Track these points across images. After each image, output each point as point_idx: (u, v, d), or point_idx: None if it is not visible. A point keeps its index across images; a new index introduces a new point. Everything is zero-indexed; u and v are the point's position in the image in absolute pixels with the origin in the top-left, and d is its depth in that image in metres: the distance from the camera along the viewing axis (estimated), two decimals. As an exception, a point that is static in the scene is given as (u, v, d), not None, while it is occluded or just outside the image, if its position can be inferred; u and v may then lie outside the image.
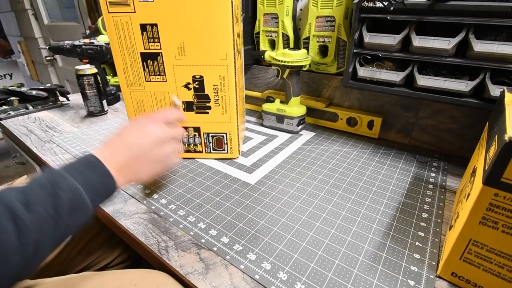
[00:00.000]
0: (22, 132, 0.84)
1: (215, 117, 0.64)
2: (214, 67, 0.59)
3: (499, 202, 0.31)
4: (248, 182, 0.60)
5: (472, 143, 0.56)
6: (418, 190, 0.57)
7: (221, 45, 0.57)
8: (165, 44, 0.57)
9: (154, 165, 0.47)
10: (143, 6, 0.54)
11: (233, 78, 0.60)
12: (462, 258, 0.36)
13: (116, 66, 0.60)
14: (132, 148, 0.45)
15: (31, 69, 3.08)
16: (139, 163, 0.45)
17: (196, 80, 0.60)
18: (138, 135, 0.47)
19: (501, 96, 0.44)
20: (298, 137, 0.81)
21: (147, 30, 0.56)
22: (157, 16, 0.55)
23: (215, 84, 0.60)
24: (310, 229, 0.47)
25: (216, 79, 0.60)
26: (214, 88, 0.61)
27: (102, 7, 0.54)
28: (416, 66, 0.59)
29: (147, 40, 0.57)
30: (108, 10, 0.55)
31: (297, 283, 0.38)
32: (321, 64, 0.84)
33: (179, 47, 0.57)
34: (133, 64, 0.59)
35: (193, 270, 0.40)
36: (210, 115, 0.64)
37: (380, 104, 0.78)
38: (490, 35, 0.52)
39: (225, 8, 0.53)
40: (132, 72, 0.60)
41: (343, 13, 0.74)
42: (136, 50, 0.58)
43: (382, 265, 0.41)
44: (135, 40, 0.57)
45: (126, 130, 0.48)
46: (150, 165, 0.47)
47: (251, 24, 0.93)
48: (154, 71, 0.60)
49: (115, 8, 0.54)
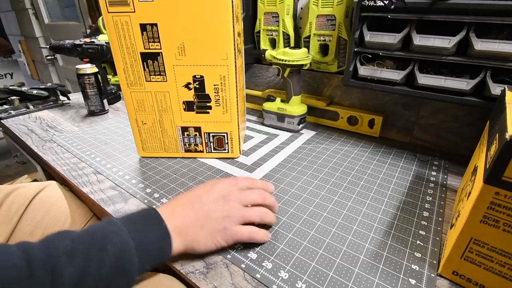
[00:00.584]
0: (22, 132, 0.84)
1: (216, 117, 0.64)
2: (215, 67, 0.58)
3: (500, 201, 0.31)
4: (249, 181, 0.60)
5: (472, 141, 0.56)
6: (419, 189, 0.57)
7: (221, 45, 0.56)
8: (165, 44, 0.57)
9: (214, 229, 0.41)
10: (142, 5, 0.53)
11: (234, 78, 0.59)
12: (463, 257, 0.36)
13: (116, 66, 0.60)
14: (195, 205, 0.41)
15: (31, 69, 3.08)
16: (199, 225, 0.40)
17: (197, 80, 0.60)
18: (204, 192, 0.43)
19: (502, 95, 0.44)
20: (298, 136, 0.81)
21: (147, 30, 0.56)
22: (157, 16, 0.54)
23: (216, 84, 0.60)
24: (311, 228, 0.47)
25: (216, 79, 0.60)
26: (214, 88, 0.60)
27: (102, 6, 0.54)
28: (417, 65, 0.59)
29: (147, 40, 0.57)
30: (107, 10, 0.54)
31: (298, 282, 0.38)
32: (321, 63, 0.84)
33: (179, 47, 0.57)
34: (133, 64, 0.59)
35: (194, 270, 0.40)
36: (210, 115, 0.63)
37: (381, 103, 0.78)
38: (490, 33, 0.52)
39: (225, 8, 0.53)
40: (132, 72, 0.60)
41: (343, 12, 0.73)
42: (136, 50, 0.58)
43: (383, 264, 0.41)
44: (135, 40, 0.57)
45: (195, 189, 0.44)
46: (209, 228, 0.40)
47: (251, 23, 0.93)
48: (155, 71, 0.59)
49: (115, 8, 0.54)
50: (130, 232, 0.34)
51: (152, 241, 0.36)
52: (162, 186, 0.58)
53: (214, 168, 0.65)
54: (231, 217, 0.41)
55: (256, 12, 0.90)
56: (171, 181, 0.60)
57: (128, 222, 0.35)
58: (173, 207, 0.41)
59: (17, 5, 2.61)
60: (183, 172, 0.63)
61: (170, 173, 0.63)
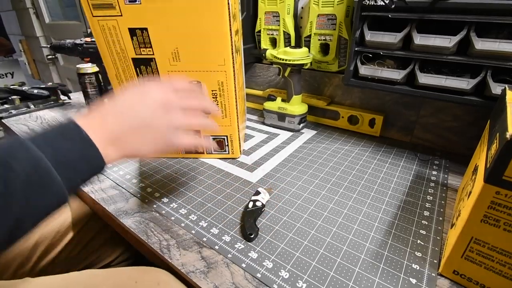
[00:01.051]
0: (23, 131, 0.84)
1: (215, 121, 0.62)
2: (212, 73, 0.56)
3: (500, 200, 0.31)
4: (250, 180, 0.60)
5: (473, 141, 0.56)
6: (419, 188, 0.57)
7: (218, 50, 0.53)
8: (158, 50, 0.54)
9: (156, 138, 0.40)
10: (130, 8, 0.50)
11: (232, 83, 0.57)
12: (464, 256, 0.36)
13: (108, 71, 0.58)
14: (129, 114, 0.38)
15: (32, 68, 3.08)
16: (136, 133, 0.38)
17: None
18: (137, 101, 0.40)
19: (503, 94, 0.44)
20: (299, 135, 0.81)
21: (137, 35, 0.53)
22: (146, 20, 0.51)
23: (214, 89, 0.58)
24: (312, 227, 0.47)
25: (214, 85, 0.57)
26: (212, 93, 0.59)
27: (86, 11, 0.51)
28: (418, 64, 0.59)
29: (138, 46, 0.54)
30: (92, 14, 0.51)
31: (299, 282, 0.38)
32: (322, 62, 0.84)
33: (173, 53, 0.54)
34: (126, 69, 0.57)
35: (194, 269, 0.40)
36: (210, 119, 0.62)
37: (382, 102, 0.78)
38: (491, 33, 0.52)
39: (220, 10, 0.50)
40: (125, 77, 0.58)
41: (344, 11, 0.73)
42: (127, 56, 0.55)
43: (384, 263, 0.41)
44: (125, 45, 0.54)
45: (123, 95, 0.40)
46: (150, 137, 0.39)
47: (252, 22, 0.93)
48: (149, 76, 0.57)
49: (100, 11, 0.51)
50: (41, 147, 0.31)
51: (72, 153, 0.33)
52: (162, 185, 0.59)
53: (215, 168, 0.65)
54: (174, 126, 0.41)
55: (256, 11, 0.90)
56: (172, 181, 0.60)
57: (38, 138, 0.32)
58: (102, 117, 0.38)
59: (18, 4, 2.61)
60: (184, 171, 0.63)
61: (171, 173, 0.63)
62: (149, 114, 0.39)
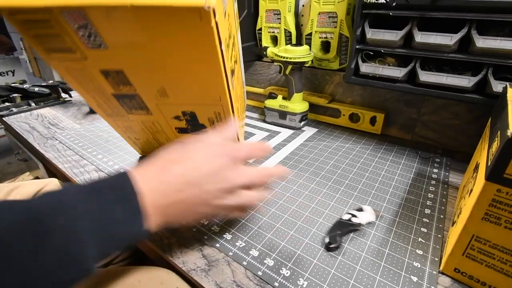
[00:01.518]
0: (24, 129, 0.85)
1: None
2: (207, 106, 0.47)
3: (501, 198, 0.31)
4: (251, 178, 0.60)
5: (474, 139, 0.56)
6: (420, 186, 0.57)
7: (211, 89, 0.43)
8: (141, 88, 0.45)
9: (204, 206, 0.35)
10: (95, 53, 0.38)
11: (230, 112, 0.48)
12: (465, 254, 0.36)
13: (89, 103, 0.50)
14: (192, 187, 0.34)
15: (33, 66, 3.08)
16: (191, 210, 0.34)
17: (187, 114, 0.50)
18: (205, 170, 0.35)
19: (504, 92, 0.44)
20: (300, 133, 0.81)
21: (111, 76, 0.42)
22: (119, 63, 0.40)
23: (210, 117, 0.50)
24: (313, 225, 0.48)
25: (210, 114, 0.49)
26: (209, 120, 0.51)
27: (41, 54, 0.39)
28: (419, 62, 0.59)
29: (115, 84, 0.44)
30: (48, 56, 0.40)
31: (300, 279, 0.38)
32: (323, 60, 0.84)
33: (159, 90, 0.45)
34: (107, 101, 0.48)
35: (195, 267, 0.40)
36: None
37: (383, 100, 0.78)
38: (492, 31, 0.52)
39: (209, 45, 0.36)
40: (109, 106, 0.50)
41: (345, 9, 0.73)
42: (106, 92, 0.46)
43: (385, 261, 0.41)
44: (100, 83, 0.44)
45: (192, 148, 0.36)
46: (199, 214, 0.36)
47: (253, 20, 0.92)
48: (135, 107, 0.49)
49: (58, 55, 0.39)
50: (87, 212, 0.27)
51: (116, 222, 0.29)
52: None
53: (216, 166, 0.65)
54: (226, 207, 0.37)
55: (257, 9, 0.90)
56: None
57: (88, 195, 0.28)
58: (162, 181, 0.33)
59: (18, 2, 2.61)
60: (185, 169, 0.63)
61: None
62: (211, 194, 0.35)
